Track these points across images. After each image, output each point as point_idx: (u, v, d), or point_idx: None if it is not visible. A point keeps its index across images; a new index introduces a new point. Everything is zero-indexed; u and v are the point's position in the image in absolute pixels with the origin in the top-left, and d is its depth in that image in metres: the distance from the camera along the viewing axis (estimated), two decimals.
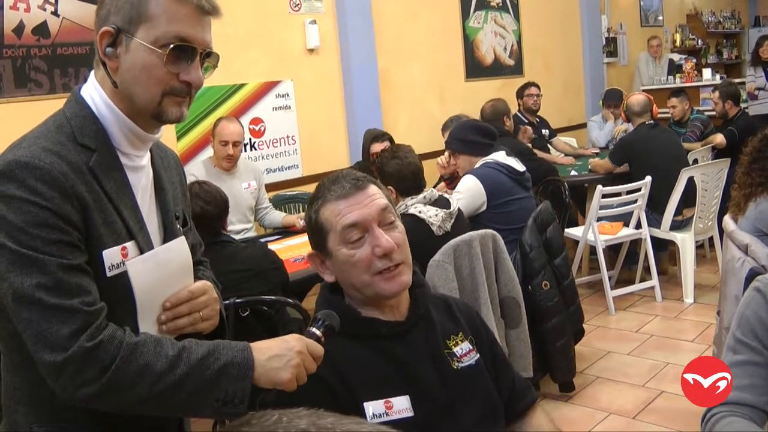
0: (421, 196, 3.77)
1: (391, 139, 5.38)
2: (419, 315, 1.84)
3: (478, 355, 1.88)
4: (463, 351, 1.86)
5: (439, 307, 1.94)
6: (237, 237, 4.46)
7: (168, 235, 1.69)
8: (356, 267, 1.74)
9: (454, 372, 1.81)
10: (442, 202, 3.82)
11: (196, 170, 4.86)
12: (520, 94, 7.59)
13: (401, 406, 1.69)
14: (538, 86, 7.58)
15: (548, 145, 7.66)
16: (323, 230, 1.77)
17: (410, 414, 1.68)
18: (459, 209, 3.91)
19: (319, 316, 1.66)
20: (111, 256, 1.52)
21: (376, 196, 1.78)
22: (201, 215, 3.37)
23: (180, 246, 1.70)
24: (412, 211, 3.72)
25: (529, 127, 7.03)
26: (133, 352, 1.44)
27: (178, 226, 1.74)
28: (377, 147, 5.33)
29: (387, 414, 1.67)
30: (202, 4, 1.53)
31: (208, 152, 5.34)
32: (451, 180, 4.77)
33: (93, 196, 1.49)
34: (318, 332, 1.62)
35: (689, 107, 7.52)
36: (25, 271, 1.39)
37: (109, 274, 1.51)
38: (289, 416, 0.70)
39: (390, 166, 3.80)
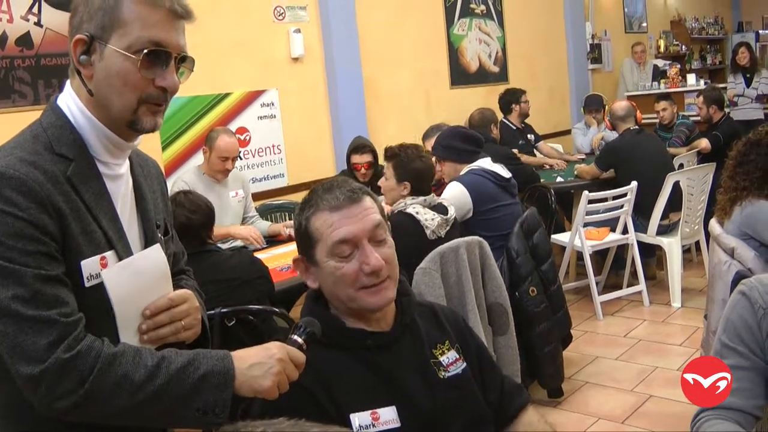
0: (421, 198, 3.79)
1: (373, 151, 5.35)
2: (405, 325, 1.82)
3: (464, 364, 1.86)
4: (450, 360, 1.84)
5: (425, 315, 1.92)
6: (224, 246, 4.44)
7: (149, 244, 1.67)
8: (341, 281, 1.72)
9: (440, 381, 1.79)
10: (440, 209, 3.83)
11: (187, 177, 4.84)
12: (516, 100, 7.52)
13: (388, 417, 1.67)
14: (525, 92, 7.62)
15: (534, 150, 7.67)
16: (312, 239, 1.74)
17: (397, 425, 1.67)
18: (455, 218, 3.92)
19: (301, 323, 1.64)
20: (90, 266, 1.50)
21: (370, 210, 1.74)
22: (186, 225, 3.36)
23: (156, 253, 1.67)
24: (409, 210, 3.74)
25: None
26: (112, 362, 1.42)
27: (160, 235, 1.72)
28: (357, 158, 5.33)
29: (374, 425, 1.65)
30: (175, 8, 1.52)
31: (194, 161, 5.32)
32: (438, 186, 4.76)
33: (70, 206, 1.47)
34: (300, 339, 1.60)
35: (676, 111, 7.56)
36: (1, 283, 1.37)
37: (87, 284, 1.49)
38: (273, 427, 0.69)
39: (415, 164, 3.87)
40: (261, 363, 1.52)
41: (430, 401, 1.74)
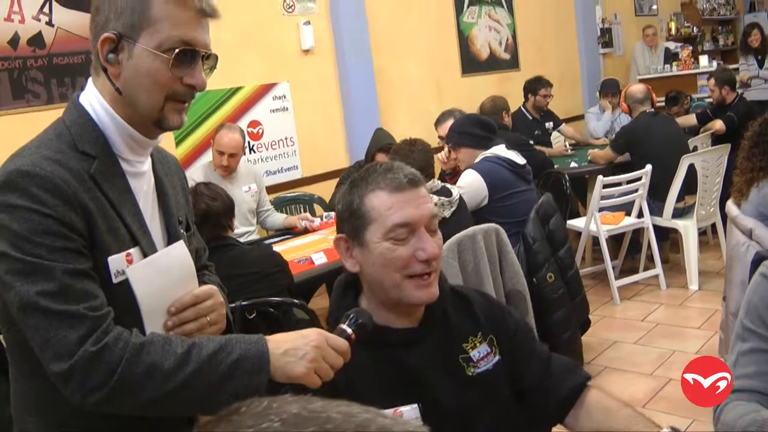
0: None
1: None
2: (434, 319, 1.74)
3: (496, 358, 1.77)
4: (480, 355, 1.75)
5: (458, 306, 1.83)
6: (241, 240, 4.45)
7: (172, 241, 1.67)
8: (392, 264, 1.63)
9: (468, 379, 1.72)
10: (444, 192, 3.85)
11: (196, 175, 4.85)
12: (533, 90, 7.44)
13: (410, 416, 1.59)
14: (551, 85, 7.53)
15: (550, 140, 7.63)
16: (365, 218, 1.65)
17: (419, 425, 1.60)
18: (461, 199, 3.92)
19: (352, 313, 1.59)
20: (116, 262, 1.51)
21: (426, 198, 1.67)
22: (206, 211, 3.39)
23: (180, 250, 1.66)
24: None
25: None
26: (140, 352, 1.41)
27: (182, 231, 1.72)
28: (381, 158, 5.29)
29: None
30: (203, 7, 1.52)
31: (209, 156, 5.34)
32: (453, 175, 4.76)
33: (96, 203, 1.48)
34: (348, 330, 1.55)
35: (689, 101, 7.56)
36: (31, 279, 1.38)
37: (115, 280, 1.50)
38: (278, 402, 0.71)
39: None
40: (295, 348, 1.48)
41: (455, 400, 1.67)
